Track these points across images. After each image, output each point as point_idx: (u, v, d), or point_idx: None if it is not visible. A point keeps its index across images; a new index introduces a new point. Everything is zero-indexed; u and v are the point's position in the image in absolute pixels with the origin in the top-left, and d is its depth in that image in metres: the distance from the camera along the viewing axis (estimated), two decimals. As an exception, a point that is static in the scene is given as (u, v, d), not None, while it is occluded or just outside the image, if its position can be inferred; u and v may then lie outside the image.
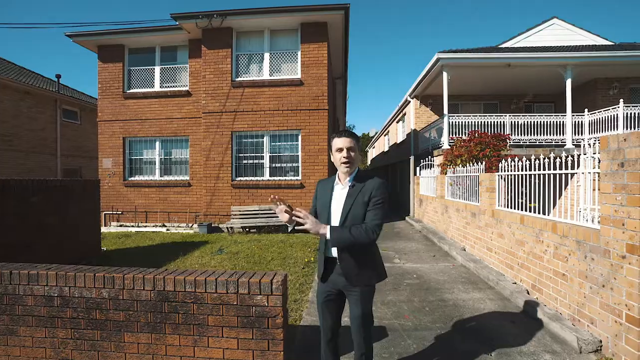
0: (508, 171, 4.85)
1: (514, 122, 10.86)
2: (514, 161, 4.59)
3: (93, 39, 10.03)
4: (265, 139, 9.57)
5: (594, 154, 3.24)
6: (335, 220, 2.09)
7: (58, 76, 15.14)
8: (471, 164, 6.46)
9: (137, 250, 7.14)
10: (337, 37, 10.04)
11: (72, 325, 2.79)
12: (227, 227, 9.11)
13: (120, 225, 10.25)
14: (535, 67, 10.61)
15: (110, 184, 10.35)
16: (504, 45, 12.87)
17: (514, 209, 4.73)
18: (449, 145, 10.17)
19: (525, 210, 4.46)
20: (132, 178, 10.41)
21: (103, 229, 10.11)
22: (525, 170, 4.32)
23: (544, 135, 10.77)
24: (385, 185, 2.07)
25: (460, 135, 9.73)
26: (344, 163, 2.07)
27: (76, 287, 2.78)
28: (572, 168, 3.59)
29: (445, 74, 10.69)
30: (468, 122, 11.02)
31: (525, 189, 4.42)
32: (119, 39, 10.03)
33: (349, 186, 2.10)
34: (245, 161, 9.68)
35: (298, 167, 9.49)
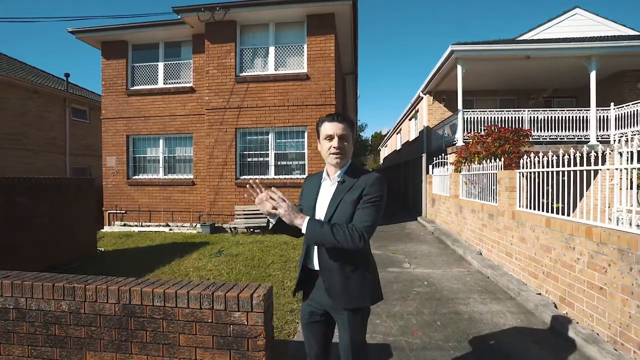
0: (530, 168, 4.34)
1: (534, 117, 10.23)
2: (538, 157, 4.08)
3: (96, 35, 9.85)
4: (270, 136, 9.21)
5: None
6: None
7: (67, 75, 15.13)
8: (488, 162, 5.94)
9: (135, 251, 6.87)
10: (346, 29, 9.60)
11: (29, 341, 2.46)
12: (230, 228, 8.79)
13: (124, 225, 10.05)
14: (556, 59, 9.95)
15: (113, 183, 10.17)
16: (522, 38, 12.20)
17: (538, 210, 4.22)
18: (464, 142, 9.63)
19: (550, 212, 3.95)
20: (136, 177, 10.20)
21: (106, 228, 9.95)
22: (552, 167, 3.81)
23: (565, 131, 10.10)
24: (382, 181, 1.64)
25: (476, 132, 9.16)
26: (333, 154, 1.66)
27: (33, 298, 2.45)
28: (603, 164, 3.09)
29: (459, 68, 10.14)
30: (484, 117, 10.44)
31: (550, 188, 3.92)
32: (122, 34, 9.82)
33: (338, 182, 1.69)
34: (249, 159, 9.34)
35: (304, 165, 9.10)
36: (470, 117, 10.49)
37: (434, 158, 10.76)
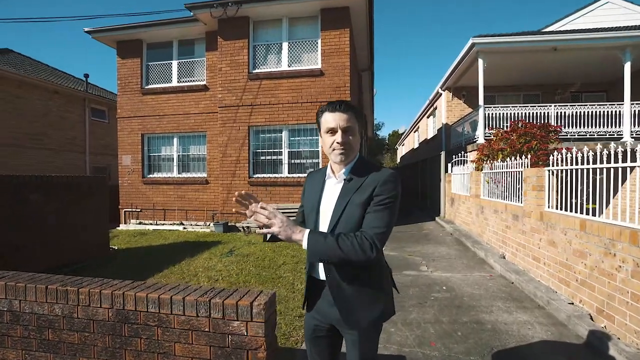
0: (561, 165, 3.99)
1: (561, 112, 9.69)
2: (571, 153, 3.73)
3: (111, 35, 9.92)
4: (284, 134, 9.04)
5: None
6: (324, 227, 1.47)
7: (86, 75, 15.43)
8: (513, 159, 5.57)
9: (147, 250, 6.83)
10: (361, 23, 9.32)
11: (22, 345, 2.35)
12: (243, 227, 8.68)
13: (140, 223, 10.10)
14: (587, 51, 9.39)
15: (129, 182, 10.24)
16: (548, 29, 11.60)
17: (569, 211, 3.86)
18: (485, 139, 9.20)
19: (584, 213, 3.59)
20: (151, 175, 10.24)
21: (122, 227, 10.03)
22: (586, 164, 3.46)
23: (596, 127, 9.54)
24: (395, 178, 1.41)
25: (499, 128, 8.72)
26: (337, 150, 1.44)
27: (27, 301, 2.33)
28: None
29: (481, 61, 9.71)
30: (506, 113, 9.99)
31: (583, 187, 3.56)
32: (137, 33, 9.84)
33: (344, 180, 1.47)
34: (262, 157, 9.20)
35: (319, 163, 8.88)
36: (492, 114, 10.05)
37: (454, 156, 10.36)
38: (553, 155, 4.16)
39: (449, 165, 10.73)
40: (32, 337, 2.32)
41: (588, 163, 3.42)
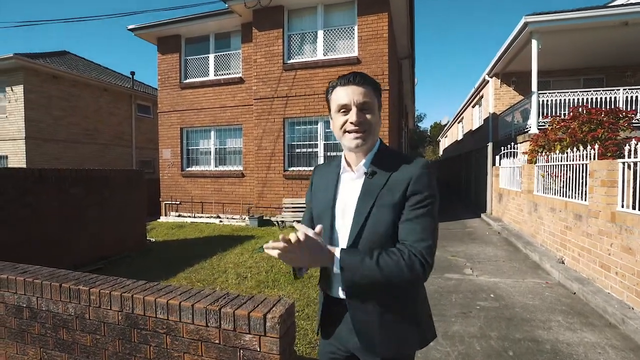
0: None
1: (632, 97, 8.51)
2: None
3: (152, 31, 10.16)
4: (319, 125, 8.77)
5: None
6: (344, 235, 1.17)
7: (132, 73, 16.11)
8: (576, 150, 4.87)
9: (182, 243, 6.92)
10: (400, 7, 8.74)
11: (41, 343, 2.30)
12: (277, 221, 8.58)
13: (179, 216, 10.38)
14: (666, 23, 8.11)
15: (169, 175, 10.53)
16: (614, 3, 10.23)
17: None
18: (539, 128, 8.32)
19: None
20: (189, 168, 10.45)
21: (162, 219, 10.36)
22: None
23: (676, 113, 8.26)
24: (431, 170, 1.10)
25: (556, 115, 7.82)
26: (352, 133, 1.14)
27: (43, 298, 2.27)
28: None
29: (534, 42, 8.76)
30: (564, 100, 8.99)
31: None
32: (176, 28, 9.98)
33: (366, 174, 1.16)
34: (297, 150, 9.01)
35: (356, 156, 8.51)
36: (547, 100, 9.10)
37: (502, 148, 9.52)
38: (629, 145, 3.51)
39: (497, 157, 9.89)
40: (49, 336, 2.26)
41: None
